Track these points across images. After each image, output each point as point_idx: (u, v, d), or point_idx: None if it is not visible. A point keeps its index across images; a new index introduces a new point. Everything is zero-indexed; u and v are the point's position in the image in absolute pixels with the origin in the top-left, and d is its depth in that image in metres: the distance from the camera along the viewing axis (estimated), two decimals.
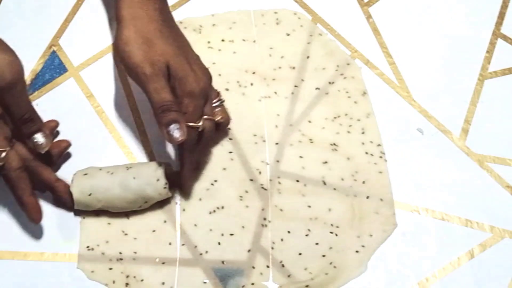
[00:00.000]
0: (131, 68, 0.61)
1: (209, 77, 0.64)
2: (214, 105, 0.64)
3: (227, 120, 0.66)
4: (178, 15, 0.77)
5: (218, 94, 0.65)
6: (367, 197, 0.65)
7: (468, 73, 0.75)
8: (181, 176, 0.64)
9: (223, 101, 0.65)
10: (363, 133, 0.69)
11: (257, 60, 0.74)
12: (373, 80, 0.73)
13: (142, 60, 0.60)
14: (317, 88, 0.72)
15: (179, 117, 0.59)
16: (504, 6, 0.80)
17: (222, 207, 0.64)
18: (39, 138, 0.60)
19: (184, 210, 0.64)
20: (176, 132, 0.59)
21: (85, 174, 0.62)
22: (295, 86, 0.72)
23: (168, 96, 0.59)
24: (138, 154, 0.67)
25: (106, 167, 0.62)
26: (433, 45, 0.77)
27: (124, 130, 0.69)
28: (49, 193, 0.63)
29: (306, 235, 0.63)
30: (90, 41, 0.74)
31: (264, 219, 0.64)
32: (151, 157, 0.67)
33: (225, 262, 0.61)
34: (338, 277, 0.61)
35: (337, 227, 0.63)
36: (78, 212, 0.63)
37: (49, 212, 0.63)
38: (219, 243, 0.62)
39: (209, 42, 0.75)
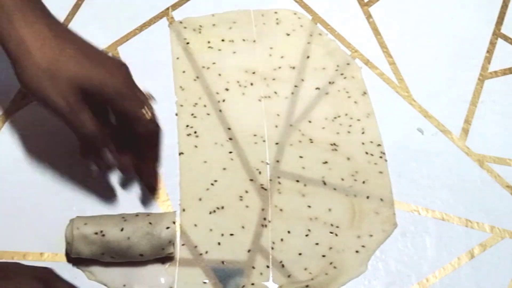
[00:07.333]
0: (44, 106, 0.57)
1: (125, 67, 0.60)
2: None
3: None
4: (178, 15, 0.77)
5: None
6: (367, 197, 0.65)
7: (468, 73, 0.75)
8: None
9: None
10: (363, 133, 0.69)
11: (257, 60, 0.73)
12: (373, 80, 0.73)
13: (54, 95, 0.55)
14: (317, 88, 0.72)
15: (102, 149, 0.60)
16: (504, 6, 0.80)
17: (222, 207, 0.64)
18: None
19: (184, 210, 0.64)
20: (94, 167, 0.63)
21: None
22: (295, 86, 0.72)
23: (89, 128, 0.57)
24: None
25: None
26: (433, 45, 0.77)
27: None
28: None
29: (306, 235, 0.63)
30: (90, 41, 0.74)
31: (264, 219, 0.64)
32: None
33: (225, 262, 0.61)
34: (338, 277, 0.61)
35: (337, 227, 0.63)
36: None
37: (49, 212, 0.63)
38: (219, 243, 0.62)
39: (209, 42, 0.75)
